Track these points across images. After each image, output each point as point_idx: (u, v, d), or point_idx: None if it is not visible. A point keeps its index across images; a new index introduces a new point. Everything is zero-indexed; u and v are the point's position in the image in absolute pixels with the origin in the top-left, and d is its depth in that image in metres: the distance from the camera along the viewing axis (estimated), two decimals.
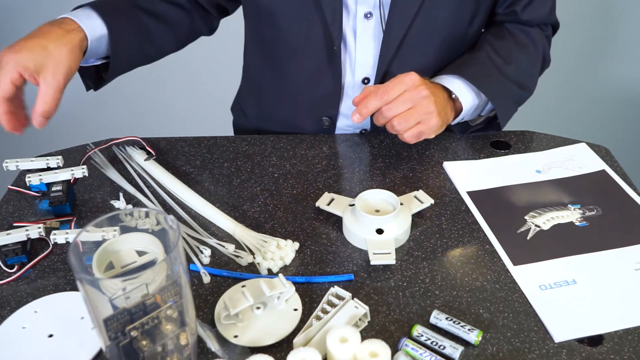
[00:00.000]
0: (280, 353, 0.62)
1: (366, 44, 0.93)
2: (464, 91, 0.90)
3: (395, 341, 0.63)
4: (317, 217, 0.81)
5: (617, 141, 1.31)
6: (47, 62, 0.76)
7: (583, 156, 0.91)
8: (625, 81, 1.95)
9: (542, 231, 0.78)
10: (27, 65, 0.75)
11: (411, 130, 0.84)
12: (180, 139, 0.99)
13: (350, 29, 0.92)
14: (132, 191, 0.86)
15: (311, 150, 0.95)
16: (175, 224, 0.55)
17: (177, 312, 0.53)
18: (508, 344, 0.63)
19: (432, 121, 0.84)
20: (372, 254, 0.72)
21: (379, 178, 0.88)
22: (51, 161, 0.83)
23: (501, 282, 0.71)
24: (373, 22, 0.91)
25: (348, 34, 0.93)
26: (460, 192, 0.85)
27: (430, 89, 0.84)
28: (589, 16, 1.83)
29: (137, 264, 0.64)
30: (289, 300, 0.67)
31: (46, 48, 0.77)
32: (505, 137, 0.96)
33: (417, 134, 0.84)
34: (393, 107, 0.82)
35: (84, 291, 0.51)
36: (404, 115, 0.83)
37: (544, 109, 1.99)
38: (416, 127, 0.84)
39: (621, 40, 1.88)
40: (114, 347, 0.52)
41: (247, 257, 0.74)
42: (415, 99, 0.83)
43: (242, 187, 0.87)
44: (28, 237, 0.75)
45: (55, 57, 0.77)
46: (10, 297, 0.71)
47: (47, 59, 0.76)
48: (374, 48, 0.93)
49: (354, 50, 0.94)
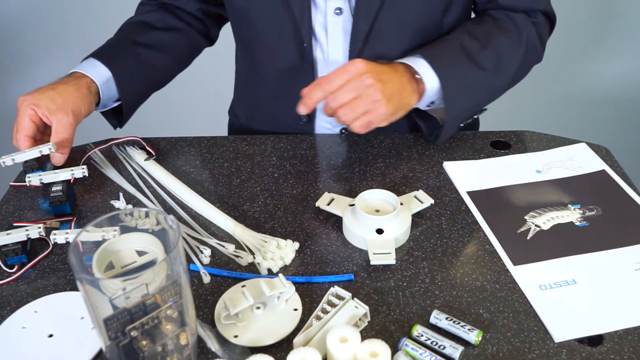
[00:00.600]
0: (280, 353, 0.62)
1: (337, 39, 0.93)
2: (428, 70, 0.86)
3: (395, 341, 0.63)
4: (317, 217, 0.81)
5: (617, 141, 1.30)
6: (57, 100, 0.86)
7: (583, 156, 0.91)
8: (626, 81, 1.95)
9: (542, 231, 0.78)
10: (39, 103, 0.85)
11: (359, 121, 0.80)
12: (180, 139, 0.99)
13: (320, 25, 0.93)
14: (132, 191, 0.86)
15: (311, 150, 0.95)
16: (175, 224, 0.55)
17: (177, 312, 0.53)
18: (508, 344, 0.63)
19: (380, 110, 0.81)
20: (372, 254, 0.72)
21: (379, 178, 0.88)
22: (43, 149, 0.83)
23: (501, 282, 0.71)
24: (343, 17, 0.91)
25: (318, 31, 0.93)
26: (460, 192, 0.85)
27: (378, 76, 0.81)
28: (589, 16, 1.83)
29: (137, 264, 0.64)
30: (289, 300, 0.67)
31: (55, 89, 0.87)
32: (505, 137, 0.96)
33: (366, 123, 0.81)
34: (337, 97, 0.80)
35: (84, 291, 0.51)
36: (348, 105, 0.80)
37: (544, 109, 2.00)
38: (363, 116, 0.80)
39: (621, 40, 1.88)
40: (114, 347, 0.52)
41: (247, 257, 0.74)
42: (359, 88, 0.80)
43: (242, 187, 0.87)
44: (28, 237, 0.75)
45: (64, 96, 0.87)
46: (10, 297, 0.71)
47: (56, 98, 0.86)
48: (345, 43, 0.93)
49: (327, 46, 0.94)
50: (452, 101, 0.88)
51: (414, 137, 0.97)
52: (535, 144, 0.95)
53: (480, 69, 0.89)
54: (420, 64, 0.86)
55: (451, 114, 0.88)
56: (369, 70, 0.81)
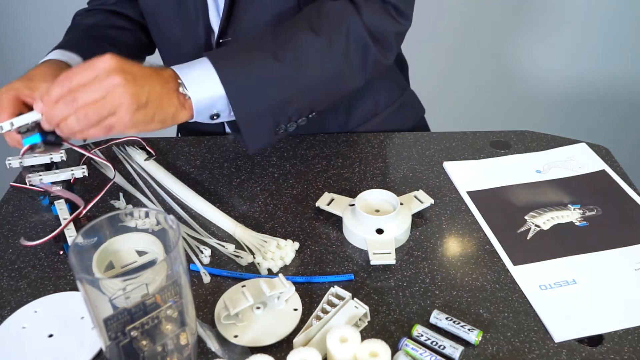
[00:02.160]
0: (280, 353, 0.62)
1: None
2: (206, 77, 0.75)
3: (395, 341, 0.63)
4: (317, 217, 0.81)
5: (617, 141, 1.30)
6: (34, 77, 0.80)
7: (583, 156, 0.91)
8: (626, 81, 1.95)
9: (542, 231, 0.78)
10: (19, 87, 0.78)
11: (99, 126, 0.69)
12: (180, 139, 0.99)
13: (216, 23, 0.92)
14: (132, 191, 0.86)
15: (311, 150, 0.95)
16: (175, 224, 0.55)
17: (177, 312, 0.53)
18: (508, 344, 0.63)
19: (125, 116, 0.69)
20: (372, 254, 0.72)
21: (379, 178, 0.88)
22: (55, 156, 0.82)
23: (501, 282, 0.71)
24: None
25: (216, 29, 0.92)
26: (460, 192, 0.85)
27: (129, 77, 0.69)
28: (589, 16, 1.83)
29: (137, 264, 0.64)
30: (289, 300, 0.67)
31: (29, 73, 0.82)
32: (505, 137, 0.96)
33: (107, 126, 0.69)
34: (79, 95, 0.68)
35: (84, 291, 0.51)
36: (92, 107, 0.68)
37: (544, 109, 2.00)
38: (106, 120, 0.69)
39: (621, 40, 1.88)
40: (114, 347, 0.52)
41: (247, 257, 0.74)
42: (106, 87, 0.68)
43: (242, 187, 0.87)
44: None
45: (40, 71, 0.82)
46: (10, 297, 0.71)
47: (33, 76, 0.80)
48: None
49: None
50: (242, 106, 0.77)
51: (414, 137, 0.97)
52: (535, 144, 0.95)
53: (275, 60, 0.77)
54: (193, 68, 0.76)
55: (246, 120, 0.78)
56: (119, 69, 0.69)
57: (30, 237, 0.79)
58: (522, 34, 1.87)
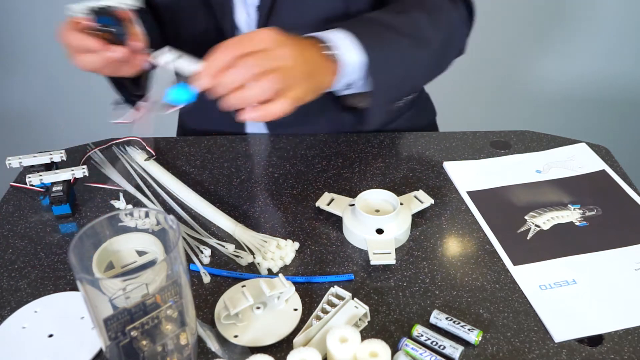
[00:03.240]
0: (280, 353, 0.62)
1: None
2: (346, 44, 0.74)
3: (395, 341, 0.63)
4: (317, 217, 0.81)
5: (616, 141, 1.30)
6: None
7: (583, 156, 0.91)
8: (626, 81, 1.95)
9: (542, 231, 0.78)
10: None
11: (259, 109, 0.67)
12: (180, 139, 0.99)
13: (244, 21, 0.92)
14: (132, 191, 0.86)
15: (311, 150, 0.95)
16: (175, 224, 0.55)
17: (177, 312, 0.53)
18: (508, 344, 0.63)
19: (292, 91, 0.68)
20: (372, 254, 0.72)
21: (379, 178, 0.88)
22: (55, 156, 0.82)
23: (501, 282, 0.71)
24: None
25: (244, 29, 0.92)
26: (460, 192, 0.85)
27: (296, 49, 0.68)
28: (588, 16, 1.83)
29: (137, 264, 0.64)
30: (289, 300, 0.67)
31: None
32: (505, 137, 0.96)
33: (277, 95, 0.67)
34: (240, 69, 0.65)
35: (84, 291, 0.51)
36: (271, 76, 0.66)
37: (544, 109, 2.00)
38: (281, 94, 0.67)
39: (621, 41, 1.88)
40: (114, 347, 0.52)
41: (247, 257, 0.74)
42: (271, 60, 0.66)
43: (242, 187, 0.87)
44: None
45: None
46: (10, 297, 0.71)
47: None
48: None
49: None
50: (379, 75, 0.77)
51: (414, 137, 0.97)
52: (535, 144, 0.95)
53: (399, 35, 0.78)
54: (335, 35, 0.75)
55: (379, 90, 0.78)
56: (285, 42, 0.67)
57: (30, 237, 0.79)
58: (522, 35, 1.87)
